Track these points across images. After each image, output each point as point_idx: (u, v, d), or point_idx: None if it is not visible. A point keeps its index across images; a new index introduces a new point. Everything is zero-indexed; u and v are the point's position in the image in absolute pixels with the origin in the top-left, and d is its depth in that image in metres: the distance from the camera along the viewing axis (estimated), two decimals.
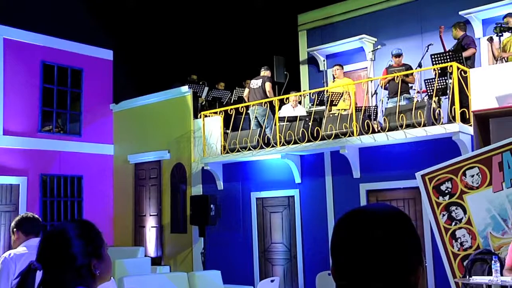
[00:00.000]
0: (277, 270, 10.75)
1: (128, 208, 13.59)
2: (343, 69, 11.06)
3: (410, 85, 10.04)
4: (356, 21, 12.78)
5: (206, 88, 12.89)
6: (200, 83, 12.92)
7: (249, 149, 10.68)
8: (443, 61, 8.97)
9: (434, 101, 8.99)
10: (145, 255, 12.36)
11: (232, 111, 11.24)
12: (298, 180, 10.49)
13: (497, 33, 8.90)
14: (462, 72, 8.60)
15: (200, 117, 11.95)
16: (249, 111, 11.23)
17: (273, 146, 10.39)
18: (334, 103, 10.37)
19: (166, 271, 11.57)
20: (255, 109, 11.05)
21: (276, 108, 10.71)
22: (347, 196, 9.78)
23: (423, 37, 11.45)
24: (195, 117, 12.37)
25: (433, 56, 9.17)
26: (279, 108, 10.94)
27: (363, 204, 8.54)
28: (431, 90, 9.17)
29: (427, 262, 8.76)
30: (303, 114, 10.76)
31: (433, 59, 9.15)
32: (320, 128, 9.88)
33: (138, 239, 13.28)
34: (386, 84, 10.08)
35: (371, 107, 10.32)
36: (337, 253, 1.31)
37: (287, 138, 10.15)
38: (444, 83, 9.07)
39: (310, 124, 10.12)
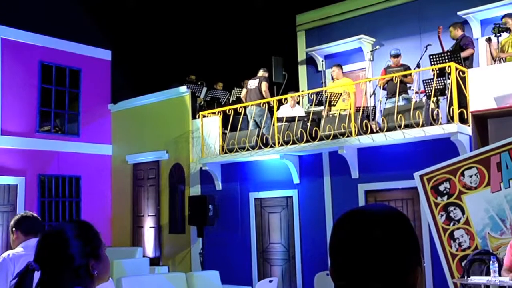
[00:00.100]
0: (276, 271, 10.75)
1: (126, 209, 13.58)
2: (342, 69, 11.06)
3: (409, 86, 10.05)
4: (355, 22, 12.77)
5: (205, 88, 12.88)
6: (199, 83, 12.91)
7: (248, 150, 10.68)
8: (442, 62, 8.98)
9: (433, 102, 8.99)
10: (143, 256, 12.35)
11: (231, 112, 11.24)
12: (297, 181, 10.49)
13: (496, 34, 8.92)
14: (461, 73, 8.60)
15: (199, 117, 11.94)
16: (247, 112, 11.23)
17: (272, 147, 10.39)
18: (333, 104, 10.36)
19: (165, 272, 11.56)
20: (253, 110, 11.05)
21: (275, 109, 10.70)
22: (346, 197, 9.78)
23: (422, 38, 11.45)
24: (194, 117, 12.37)
25: (432, 57, 9.18)
26: (278, 109, 10.94)
27: (362, 205, 8.57)
28: (430, 91, 9.18)
29: (426, 263, 8.76)
30: (302, 115, 10.75)
31: (432, 60, 9.16)
32: (319, 129, 9.88)
33: (136, 240, 13.27)
34: (385, 85, 10.08)
35: (370, 108, 10.32)
36: (336, 254, 1.30)
37: (286, 139, 10.15)
38: (443, 84, 9.07)
39: (309, 125, 10.11)
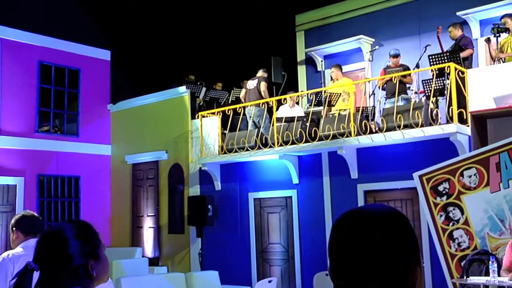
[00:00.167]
0: (275, 271, 10.75)
1: (126, 209, 13.57)
2: (342, 70, 11.05)
3: (408, 86, 10.04)
4: (354, 22, 12.77)
5: (204, 89, 12.88)
6: (198, 84, 12.91)
7: (247, 150, 10.68)
8: (441, 62, 8.98)
9: (432, 102, 8.99)
10: (143, 256, 12.35)
11: (230, 112, 11.24)
12: (296, 181, 10.49)
13: (495, 34, 8.92)
14: (460, 73, 8.60)
15: (198, 118, 11.94)
16: (246, 112, 11.23)
17: (271, 147, 10.39)
18: (332, 104, 10.36)
19: (164, 272, 11.56)
20: (252, 110, 11.05)
21: (274, 109, 10.70)
22: (345, 197, 9.78)
23: (421, 38, 11.45)
24: (193, 118, 12.37)
25: (431, 57, 9.18)
26: (277, 109, 10.94)
27: (361, 205, 8.58)
28: (429, 91, 9.18)
29: (425, 263, 8.77)
30: (301, 115, 10.75)
31: (431, 60, 9.16)
32: (318, 129, 9.87)
33: (136, 240, 13.27)
34: (384, 85, 10.08)
35: (369, 108, 10.32)
36: (335, 254, 1.30)
37: (285, 139, 10.15)
38: (442, 84, 9.08)
39: (308, 125, 10.12)
